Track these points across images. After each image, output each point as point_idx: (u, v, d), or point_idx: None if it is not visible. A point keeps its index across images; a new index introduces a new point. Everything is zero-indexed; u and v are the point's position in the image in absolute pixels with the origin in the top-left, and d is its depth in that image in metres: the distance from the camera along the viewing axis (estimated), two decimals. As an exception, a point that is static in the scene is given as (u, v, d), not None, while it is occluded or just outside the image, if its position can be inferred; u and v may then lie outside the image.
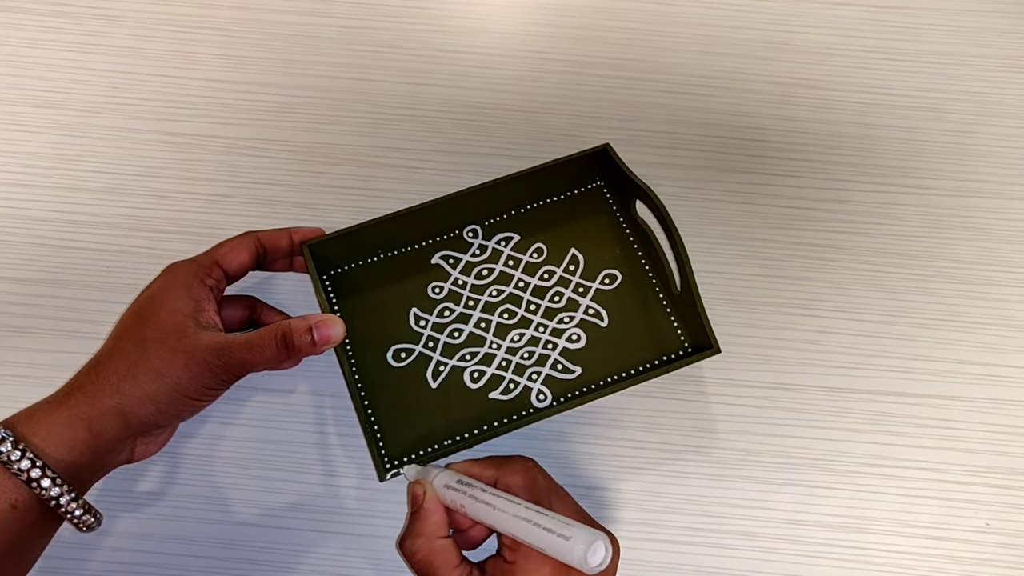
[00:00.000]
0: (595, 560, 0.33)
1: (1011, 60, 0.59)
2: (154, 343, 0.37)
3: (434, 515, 0.37)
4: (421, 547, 0.36)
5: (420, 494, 0.38)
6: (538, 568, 0.35)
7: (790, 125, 0.56)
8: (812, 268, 0.51)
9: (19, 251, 0.50)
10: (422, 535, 0.37)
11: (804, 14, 0.60)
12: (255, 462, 0.45)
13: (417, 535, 0.37)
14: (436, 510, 0.37)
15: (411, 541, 0.37)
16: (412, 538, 0.37)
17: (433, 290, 0.49)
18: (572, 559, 0.32)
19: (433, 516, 0.37)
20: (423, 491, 0.38)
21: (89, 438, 0.36)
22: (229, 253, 0.42)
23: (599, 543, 0.33)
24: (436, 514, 0.37)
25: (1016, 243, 0.52)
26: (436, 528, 0.37)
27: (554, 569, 0.35)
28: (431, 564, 0.36)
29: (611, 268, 0.50)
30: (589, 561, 0.32)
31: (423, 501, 0.38)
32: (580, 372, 0.47)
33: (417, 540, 0.37)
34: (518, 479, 0.38)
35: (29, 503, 0.34)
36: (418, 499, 0.38)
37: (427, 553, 0.36)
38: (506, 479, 0.38)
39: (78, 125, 0.54)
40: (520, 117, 0.56)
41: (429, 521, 0.37)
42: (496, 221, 0.51)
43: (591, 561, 0.32)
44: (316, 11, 0.59)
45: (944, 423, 0.47)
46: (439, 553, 0.36)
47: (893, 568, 0.44)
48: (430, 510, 0.37)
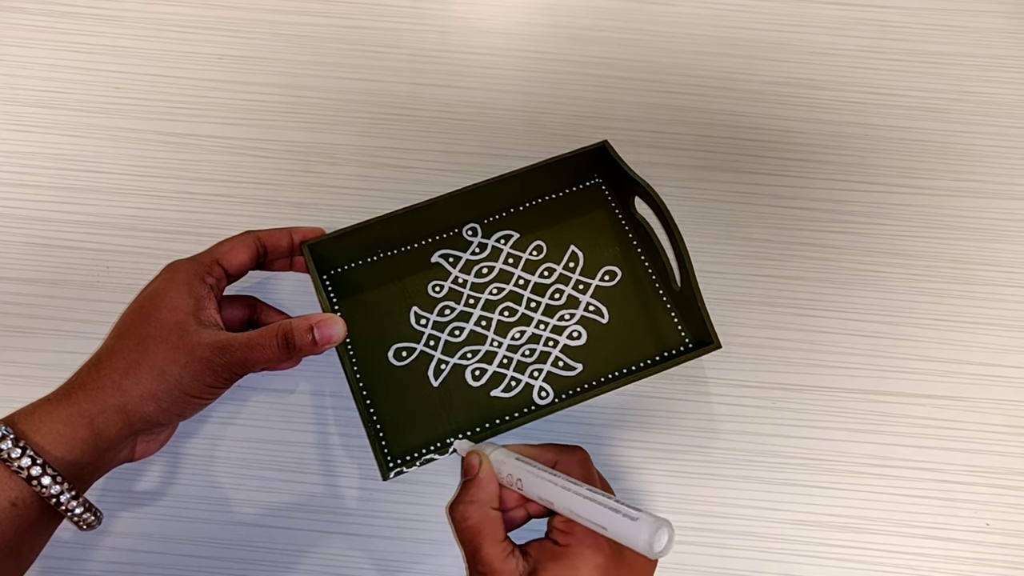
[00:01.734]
0: (659, 545, 0.32)
1: (1010, 60, 0.59)
2: (155, 341, 0.37)
3: (489, 485, 0.38)
4: (473, 513, 0.37)
5: (476, 463, 0.39)
6: (592, 555, 0.35)
7: (789, 125, 0.56)
8: (812, 268, 0.51)
9: (19, 251, 0.50)
10: (475, 501, 0.37)
11: (803, 14, 0.60)
12: (255, 462, 0.45)
13: (471, 501, 0.37)
14: (491, 480, 0.38)
15: (464, 507, 0.37)
16: (465, 504, 0.37)
17: (433, 289, 0.49)
18: (637, 540, 0.32)
19: (488, 486, 0.38)
20: (479, 460, 0.39)
21: (90, 436, 0.35)
22: (229, 252, 0.42)
23: (665, 529, 0.33)
24: (491, 484, 0.38)
25: (1016, 243, 0.52)
26: (489, 498, 0.38)
27: (607, 557, 0.35)
28: (479, 532, 0.36)
29: (611, 265, 0.50)
30: (654, 545, 0.32)
31: (479, 470, 0.38)
32: (581, 369, 0.47)
33: (470, 506, 0.37)
34: (575, 469, 0.39)
35: (29, 501, 0.34)
36: (474, 468, 0.38)
37: (477, 520, 0.37)
38: (565, 465, 0.39)
39: (78, 125, 0.54)
40: (520, 117, 0.56)
41: (484, 489, 0.38)
42: (495, 219, 0.51)
43: (656, 546, 0.32)
44: (316, 11, 0.59)
45: (944, 423, 0.47)
46: (488, 523, 0.37)
47: (893, 568, 0.44)
48: (486, 479, 0.38)
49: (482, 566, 0.36)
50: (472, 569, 0.37)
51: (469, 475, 0.39)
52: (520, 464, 0.38)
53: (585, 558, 0.35)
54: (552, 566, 0.35)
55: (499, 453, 0.39)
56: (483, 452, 0.39)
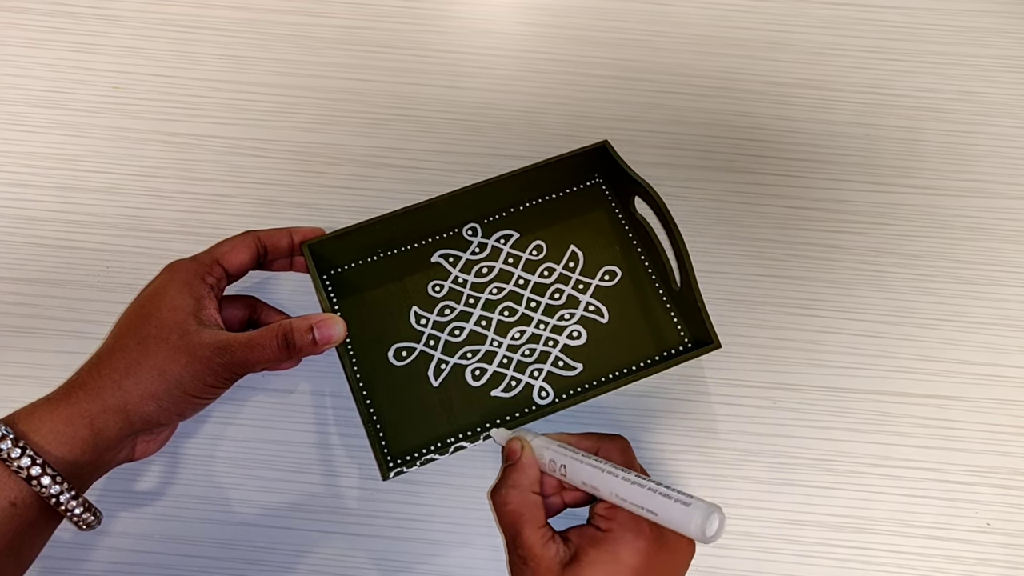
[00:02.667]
0: (711, 530, 0.32)
1: (1010, 60, 0.59)
2: (156, 340, 0.37)
3: (531, 470, 0.38)
4: (515, 498, 0.37)
5: (518, 448, 0.39)
6: (634, 539, 0.35)
7: (790, 125, 0.56)
8: (813, 268, 0.51)
9: (19, 251, 0.50)
10: (517, 486, 0.38)
11: (804, 14, 0.60)
12: (256, 462, 0.45)
13: (513, 486, 0.38)
14: (532, 465, 0.38)
15: (506, 491, 0.38)
16: (507, 488, 0.38)
17: (433, 288, 0.49)
18: (689, 526, 0.32)
19: (530, 471, 0.38)
20: (521, 446, 0.39)
21: (90, 436, 0.35)
22: (229, 252, 0.42)
23: (717, 514, 0.32)
24: (533, 469, 0.38)
25: (1018, 243, 0.52)
26: (531, 483, 0.38)
27: (649, 542, 0.35)
28: (520, 517, 0.37)
29: (610, 265, 0.50)
30: (707, 531, 0.32)
31: (521, 455, 0.39)
32: (581, 369, 0.47)
33: (512, 491, 0.37)
34: (617, 456, 0.39)
35: (29, 501, 0.34)
36: (516, 453, 0.39)
37: (519, 505, 0.37)
38: (607, 453, 0.39)
39: (78, 125, 0.54)
40: (520, 117, 0.56)
41: (526, 474, 0.38)
42: (495, 219, 0.51)
43: (708, 531, 0.32)
44: (316, 11, 0.59)
45: (945, 423, 0.47)
46: (530, 508, 0.37)
47: (893, 568, 0.44)
48: (528, 464, 0.38)
49: (522, 550, 0.36)
50: (512, 554, 0.37)
51: (511, 460, 0.39)
52: (563, 450, 0.38)
53: (627, 542, 0.35)
54: (593, 551, 0.36)
55: (540, 440, 0.39)
56: (524, 438, 0.39)
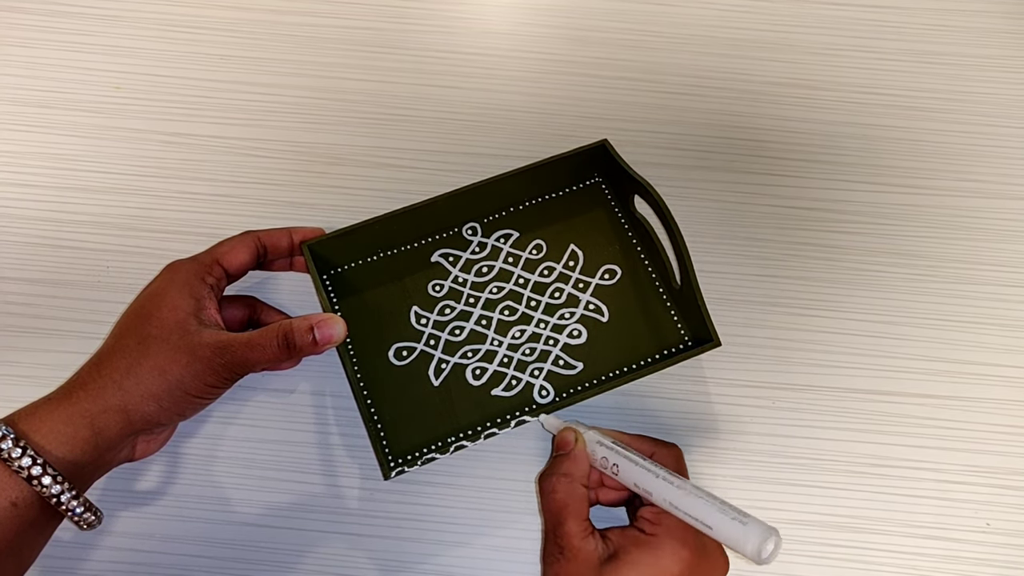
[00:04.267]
0: (766, 552, 0.32)
1: (1008, 60, 0.59)
2: (156, 340, 0.37)
3: (583, 462, 0.38)
4: (564, 487, 0.37)
5: (572, 439, 0.39)
6: (679, 547, 0.35)
7: (789, 125, 0.56)
8: (812, 268, 0.51)
9: (19, 251, 0.50)
10: (568, 475, 0.37)
11: (802, 15, 0.61)
12: (256, 462, 0.45)
13: (563, 474, 0.37)
14: (584, 458, 0.38)
15: (556, 479, 0.37)
16: (557, 476, 0.37)
17: (433, 288, 0.49)
18: (745, 545, 0.32)
19: (583, 463, 0.38)
20: (574, 437, 0.39)
21: (91, 436, 0.35)
22: (230, 252, 0.42)
23: (774, 537, 0.32)
24: (584, 462, 0.38)
25: (1017, 243, 0.52)
26: (581, 475, 0.38)
27: (692, 552, 0.35)
28: (566, 507, 0.36)
29: (610, 263, 0.50)
30: (762, 552, 0.32)
31: (574, 447, 0.38)
32: (582, 368, 0.47)
33: (562, 479, 0.37)
34: (671, 463, 0.39)
35: (30, 500, 0.34)
36: (569, 443, 0.38)
37: (566, 495, 0.37)
38: (661, 458, 0.38)
39: (79, 125, 0.54)
40: (520, 117, 0.56)
41: (578, 466, 0.38)
42: (495, 218, 0.51)
43: (763, 552, 0.32)
44: (316, 11, 0.59)
45: (944, 423, 0.47)
46: (577, 500, 0.37)
47: (893, 568, 0.44)
48: (580, 456, 0.38)
49: (562, 540, 0.36)
50: (551, 543, 0.37)
51: (563, 449, 0.39)
52: (618, 450, 0.37)
53: (671, 549, 0.35)
54: (636, 552, 0.35)
55: (593, 434, 0.39)
56: (578, 430, 0.39)
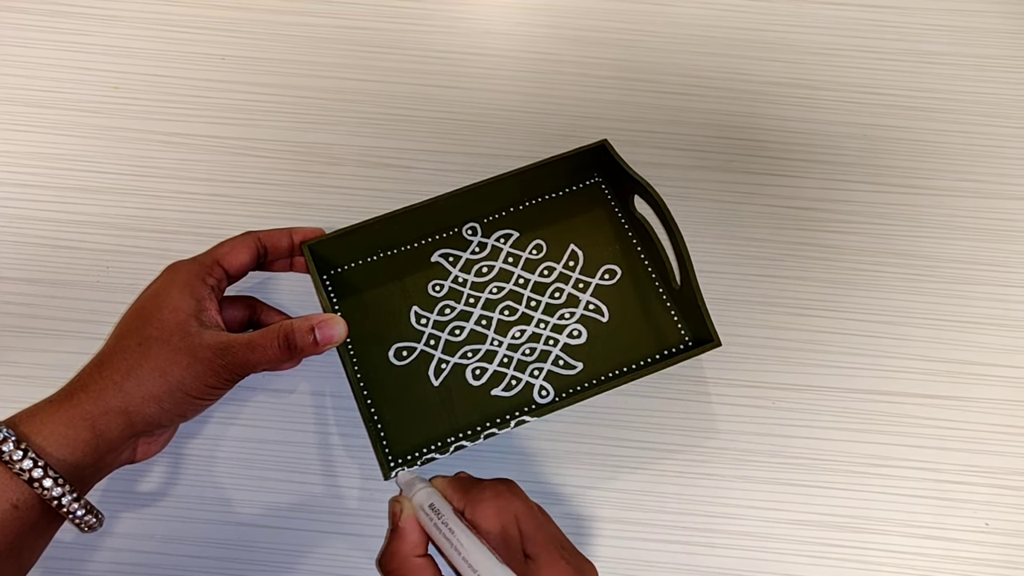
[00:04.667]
0: None
1: (1007, 60, 0.59)
2: (157, 342, 0.37)
3: (410, 534, 0.37)
4: (397, 567, 0.36)
5: (397, 512, 0.38)
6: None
7: (788, 125, 0.56)
8: (812, 268, 0.52)
9: (19, 251, 0.50)
10: (398, 554, 0.36)
11: (801, 15, 0.61)
12: (256, 462, 0.45)
13: (393, 554, 0.36)
14: (412, 529, 0.37)
15: (388, 559, 0.36)
16: (388, 556, 0.36)
17: (433, 288, 0.49)
18: None
19: (410, 535, 0.37)
20: (400, 508, 0.38)
21: (92, 438, 0.35)
22: (230, 253, 0.42)
23: None
24: (412, 533, 0.37)
25: (1016, 243, 0.53)
26: (412, 547, 0.36)
27: None
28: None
29: (610, 264, 0.50)
30: None
31: (399, 519, 0.37)
32: (582, 368, 0.47)
33: (393, 559, 0.36)
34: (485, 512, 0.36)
35: (31, 503, 0.34)
36: (395, 516, 0.38)
37: (403, 573, 0.36)
38: (473, 511, 0.36)
39: (78, 125, 0.54)
40: (520, 118, 0.56)
41: (406, 540, 0.37)
42: (495, 218, 0.51)
43: None
44: (316, 11, 0.59)
45: (944, 423, 0.47)
46: (415, 572, 0.36)
47: (893, 568, 0.44)
48: (406, 529, 0.37)
49: None
50: None
51: (392, 523, 0.38)
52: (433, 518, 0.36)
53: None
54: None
55: (422, 495, 0.37)
56: (405, 498, 0.38)
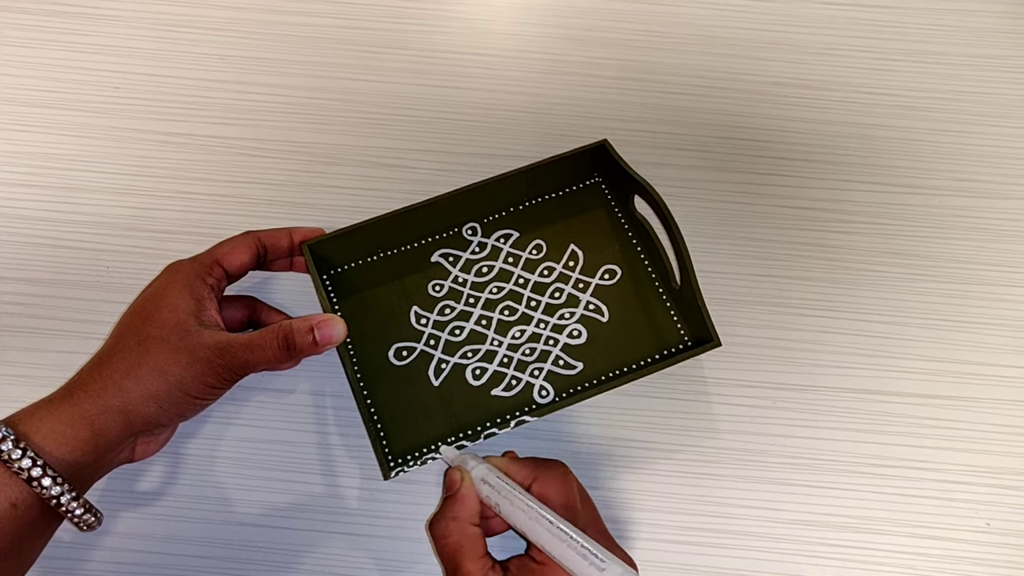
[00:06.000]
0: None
1: (1007, 60, 0.59)
2: (156, 341, 0.37)
3: (470, 502, 0.38)
4: (453, 531, 0.37)
5: (458, 479, 0.38)
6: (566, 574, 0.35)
7: (788, 125, 0.56)
8: (812, 268, 0.51)
9: (19, 251, 0.50)
10: (456, 519, 0.37)
11: (801, 15, 0.61)
12: (256, 462, 0.45)
13: (451, 518, 0.37)
14: (472, 497, 0.38)
15: (445, 523, 0.37)
16: (446, 520, 0.37)
17: (433, 288, 0.49)
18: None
19: (469, 503, 0.38)
20: (460, 477, 0.38)
21: (91, 437, 0.35)
22: (230, 252, 0.42)
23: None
24: (472, 501, 0.38)
25: (1016, 243, 0.52)
26: (470, 515, 0.37)
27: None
28: (459, 549, 0.36)
29: (610, 264, 0.50)
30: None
31: (460, 487, 0.38)
32: (582, 368, 0.47)
33: (451, 523, 0.37)
34: (553, 487, 0.38)
35: (29, 502, 0.34)
36: (455, 484, 0.38)
37: (457, 537, 0.37)
38: (542, 486, 0.38)
39: (78, 125, 0.54)
40: (520, 118, 0.56)
41: (465, 506, 0.38)
42: (495, 218, 0.51)
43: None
44: (316, 11, 0.59)
45: (945, 423, 0.47)
46: (469, 540, 0.37)
47: (893, 568, 0.44)
48: (467, 496, 0.38)
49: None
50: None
51: (451, 491, 0.38)
52: (499, 486, 0.37)
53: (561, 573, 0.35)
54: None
55: (481, 469, 0.39)
56: (464, 468, 0.39)
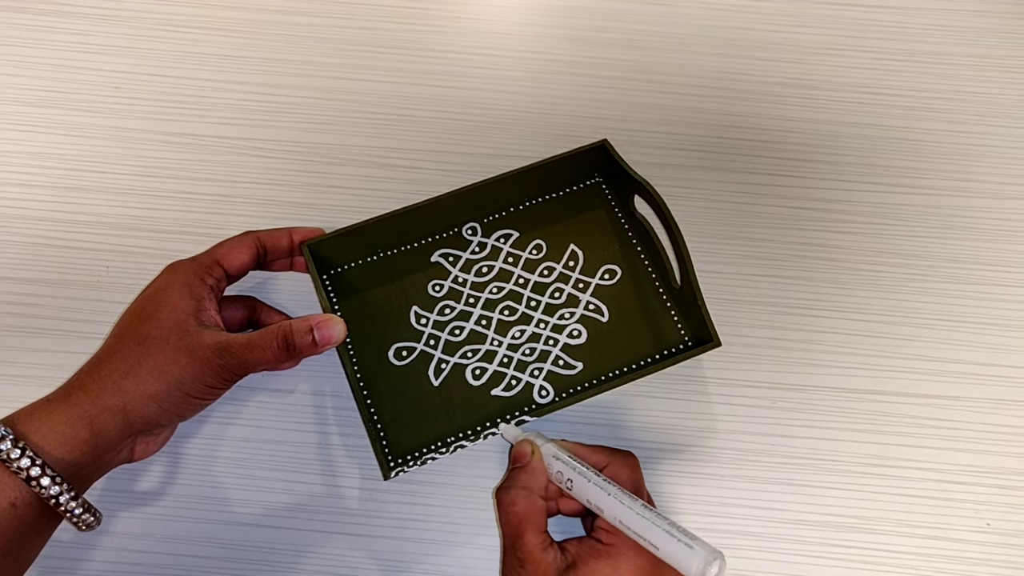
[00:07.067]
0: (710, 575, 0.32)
1: (1007, 60, 0.59)
2: (156, 341, 0.37)
3: (540, 475, 0.38)
4: (522, 500, 0.37)
5: (528, 452, 0.39)
6: (635, 557, 0.36)
7: (788, 125, 0.56)
8: (812, 268, 0.51)
9: (19, 251, 0.50)
10: (526, 488, 0.38)
11: (801, 15, 0.61)
12: (255, 462, 0.45)
13: (522, 487, 0.38)
14: (542, 471, 0.39)
15: (514, 492, 0.38)
16: (516, 489, 0.38)
17: (433, 288, 0.49)
18: (690, 568, 0.32)
19: (540, 475, 0.38)
20: (531, 449, 0.39)
21: (90, 436, 0.35)
22: (229, 252, 0.42)
23: (718, 561, 0.32)
24: (541, 474, 0.38)
25: (1015, 243, 0.52)
26: (539, 487, 0.38)
27: (649, 562, 0.36)
28: (524, 519, 0.37)
29: (610, 264, 0.50)
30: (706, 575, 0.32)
31: (531, 459, 0.39)
32: (582, 368, 0.47)
33: (520, 492, 0.38)
34: (626, 473, 0.39)
35: (29, 501, 0.34)
36: (525, 456, 0.39)
37: (525, 507, 0.37)
38: (615, 470, 0.39)
39: (78, 125, 0.54)
40: (520, 118, 0.56)
41: (536, 479, 0.38)
42: (495, 218, 0.51)
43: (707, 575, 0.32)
44: (316, 11, 0.59)
45: (944, 423, 0.47)
46: (535, 512, 0.37)
47: (893, 568, 0.44)
48: (537, 469, 0.39)
49: (522, 553, 0.36)
50: (510, 555, 0.37)
51: (520, 462, 0.39)
52: (572, 463, 0.38)
53: (628, 559, 0.36)
54: (593, 562, 0.36)
55: (550, 447, 0.39)
56: (535, 443, 0.39)
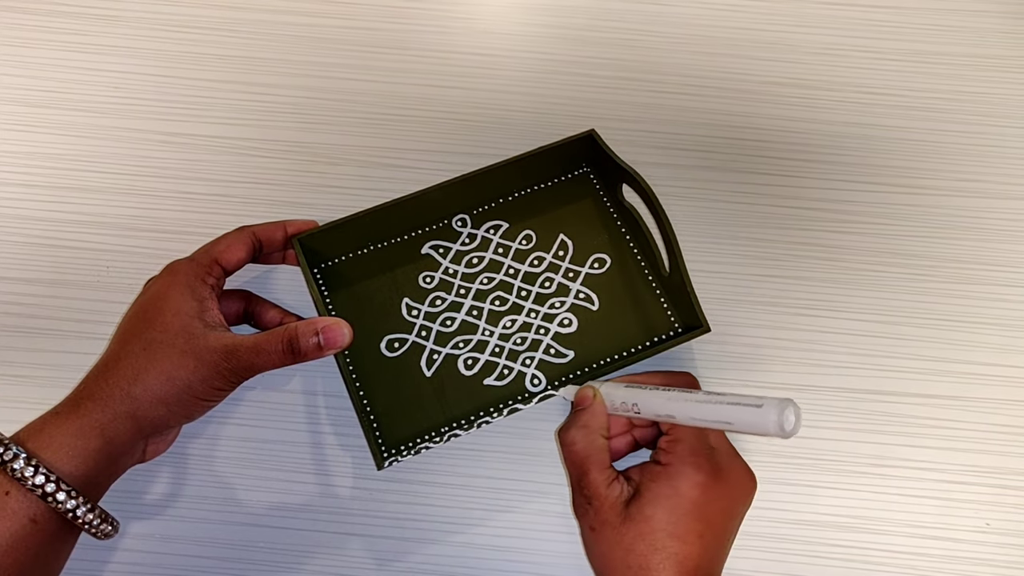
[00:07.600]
0: (789, 424, 0.32)
1: (1007, 60, 0.59)
2: (162, 346, 0.37)
3: (601, 415, 0.40)
4: (583, 439, 0.39)
5: (590, 395, 0.41)
6: (693, 472, 0.37)
7: (788, 125, 0.56)
8: (812, 268, 0.51)
9: (19, 251, 0.50)
10: (587, 427, 0.39)
11: (801, 14, 0.60)
12: (255, 462, 0.45)
13: (583, 426, 0.39)
14: (602, 412, 0.40)
15: (576, 431, 0.39)
16: (577, 428, 0.39)
17: (424, 280, 0.49)
18: (767, 425, 0.32)
19: (600, 415, 0.40)
20: (592, 393, 0.41)
21: (103, 445, 0.36)
22: (227, 250, 0.42)
23: (791, 407, 0.32)
24: (602, 415, 0.40)
25: (1016, 243, 0.52)
26: (600, 426, 0.40)
27: (707, 475, 0.37)
28: (587, 458, 0.38)
29: (600, 252, 0.50)
30: (784, 425, 0.31)
31: (592, 402, 0.40)
32: (573, 356, 0.47)
33: (581, 431, 0.39)
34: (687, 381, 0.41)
35: (47, 516, 0.34)
36: (587, 399, 0.40)
37: (586, 445, 0.39)
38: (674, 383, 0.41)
39: (78, 125, 0.54)
40: (520, 117, 0.56)
41: (596, 417, 0.40)
42: (485, 209, 0.51)
43: (786, 425, 0.32)
44: (316, 11, 0.59)
45: (944, 423, 0.47)
46: (597, 450, 0.39)
47: (893, 568, 0.44)
48: (599, 409, 0.40)
49: (588, 490, 0.38)
50: (578, 494, 0.39)
51: (582, 405, 0.40)
52: (635, 389, 0.39)
53: (686, 476, 0.37)
54: (654, 485, 0.37)
55: (608, 386, 0.41)
56: (595, 386, 0.41)
